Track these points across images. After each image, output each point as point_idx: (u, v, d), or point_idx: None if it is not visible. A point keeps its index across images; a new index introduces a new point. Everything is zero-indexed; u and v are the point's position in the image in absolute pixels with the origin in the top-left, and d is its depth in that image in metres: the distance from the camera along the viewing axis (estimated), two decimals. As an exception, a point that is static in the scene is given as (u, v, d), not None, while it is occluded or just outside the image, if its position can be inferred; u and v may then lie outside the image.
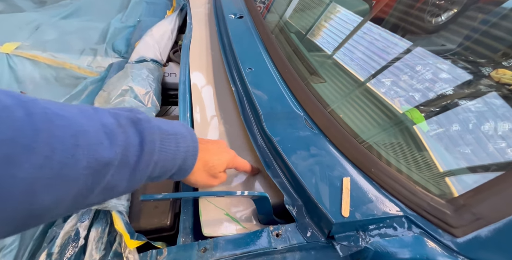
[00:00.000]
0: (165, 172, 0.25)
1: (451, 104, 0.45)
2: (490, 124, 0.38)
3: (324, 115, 0.37)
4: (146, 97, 0.47)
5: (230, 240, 0.28)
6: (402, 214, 0.23)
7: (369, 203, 0.25)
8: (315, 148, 0.33)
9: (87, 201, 0.19)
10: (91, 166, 0.17)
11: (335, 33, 0.74)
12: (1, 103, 0.14)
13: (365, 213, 0.24)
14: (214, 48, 0.73)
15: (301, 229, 0.28)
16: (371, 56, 0.61)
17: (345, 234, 0.25)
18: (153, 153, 0.22)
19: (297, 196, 0.30)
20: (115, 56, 0.73)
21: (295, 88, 0.45)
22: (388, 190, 0.25)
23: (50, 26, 0.82)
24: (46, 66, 0.65)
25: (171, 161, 0.25)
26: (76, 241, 0.26)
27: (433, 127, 0.39)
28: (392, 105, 0.43)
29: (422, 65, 0.55)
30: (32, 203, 0.15)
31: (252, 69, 0.51)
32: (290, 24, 0.81)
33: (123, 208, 0.29)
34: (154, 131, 0.23)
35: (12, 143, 0.14)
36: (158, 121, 0.25)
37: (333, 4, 0.83)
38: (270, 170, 0.34)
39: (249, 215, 0.34)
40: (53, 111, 0.17)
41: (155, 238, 0.31)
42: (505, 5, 0.56)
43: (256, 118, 0.41)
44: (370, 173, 0.27)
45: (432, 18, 0.82)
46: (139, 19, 1.00)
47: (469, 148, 0.31)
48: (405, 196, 0.24)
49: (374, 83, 0.52)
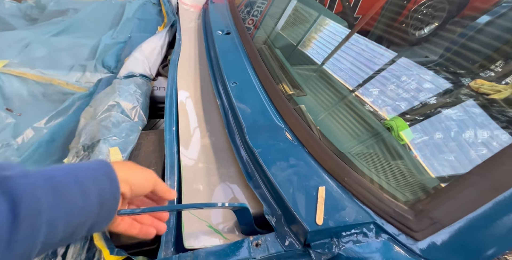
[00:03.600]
0: (77, 228, 0.21)
1: (432, 113, 0.48)
2: (469, 132, 0.40)
3: (302, 127, 0.39)
4: (133, 111, 0.49)
5: (210, 252, 0.28)
6: (371, 221, 0.24)
7: (342, 210, 0.26)
8: (294, 158, 0.35)
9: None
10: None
11: (316, 49, 0.79)
12: None
13: (338, 221, 0.25)
14: (202, 63, 0.75)
15: (280, 238, 0.29)
16: (352, 70, 0.65)
17: (320, 242, 0.26)
18: (38, 214, 0.18)
19: (276, 206, 0.31)
20: (105, 72, 0.74)
21: (277, 102, 0.48)
22: (359, 198, 0.27)
23: (40, 44, 0.84)
24: (34, 83, 0.66)
25: (78, 213, 0.20)
26: (53, 259, 0.25)
27: (417, 136, 0.42)
28: (368, 116, 0.46)
29: (406, 75, 0.58)
30: None
31: (237, 83, 0.53)
32: (275, 40, 0.85)
33: (105, 223, 0.29)
34: (36, 186, 0.19)
35: None
36: (51, 171, 0.21)
37: (316, 23, 0.89)
38: (251, 181, 0.36)
39: (231, 226, 0.35)
40: None
41: (136, 253, 0.31)
42: (479, 20, 0.62)
43: (240, 131, 0.42)
44: (343, 182, 0.29)
45: (415, 31, 0.88)
46: (130, 35, 1.03)
47: (441, 155, 0.33)
48: (374, 203, 0.25)
49: (350, 96, 0.55)
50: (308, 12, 0.92)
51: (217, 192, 0.39)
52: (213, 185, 0.40)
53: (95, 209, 0.21)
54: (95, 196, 0.21)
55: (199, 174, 0.41)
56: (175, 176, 0.40)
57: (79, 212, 0.20)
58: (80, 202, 0.20)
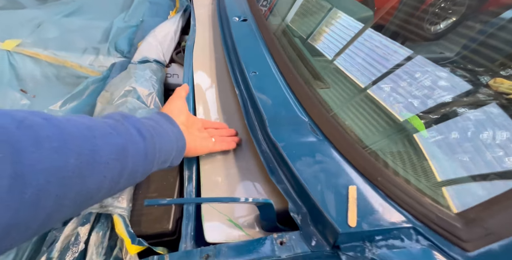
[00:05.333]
0: (168, 156, 0.29)
1: (451, 113, 0.45)
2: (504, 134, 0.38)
3: (329, 122, 0.37)
4: (149, 98, 0.47)
5: (233, 247, 0.27)
6: (410, 225, 0.23)
7: (376, 213, 0.25)
8: (320, 154, 0.33)
9: (117, 186, 0.22)
10: (113, 151, 0.21)
11: (336, 39, 0.74)
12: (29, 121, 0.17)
13: (372, 223, 0.24)
14: (217, 50, 0.72)
15: (306, 238, 0.27)
16: (372, 63, 0.61)
17: (351, 244, 0.25)
18: (152, 138, 0.26)
19: (301, 204, 0.30)
20: (118, 56, 0.72)
21: (300, 94, 0.45)
22: (395, 199, 0.25)
23: (52, 24, 0.81)
24: (47, 64, 0.65)
25: (168, 143, 0.28)
26: (76, 246, 0.25)
27: (432, 135, 0.39)
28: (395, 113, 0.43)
29: (422, 72, 0.55)
30: (83, 185, 0.18)
31: (256, 73, 0.51)
32: (293, 28, 0.81)
33: (125, 212, 0.28)
34: (142, 121, 0.27)
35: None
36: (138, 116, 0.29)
37: (335, 10, 0.84)
38: (274, 176, 0.34)
39: (251, 221, 0.34)
40: (60, 117, 0.19)
41: (156, 243, 0.30)
42: (503, 15, 0.57)
43: (261, 123, 0.41)
44: (376, 181, 0.27)
45: (431, 26, 0.82)
46: (142, 19, 1.00)
47: (482, 158, 0.31)
48: (413, 206, 0.24)
49: (377, 90, 0.52)
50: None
51: (236, 185, 0.37)
52: (232, 178, 0.38)
53: (174, 143, 0.30)
54: (170, 130, 0.30)
55: (218, 166, 0.40)
56: (194, 167, 0.39)
57: (170, 143, 0.29)
58: (166, 134, 0.28)
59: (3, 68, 0.59)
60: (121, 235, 0.26)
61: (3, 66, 0.60)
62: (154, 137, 0.26)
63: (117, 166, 0.21)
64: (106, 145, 0.20)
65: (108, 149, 0.20)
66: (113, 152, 0.21)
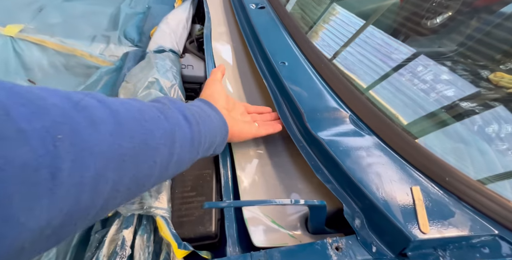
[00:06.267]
0: (212, 142, 0.28)
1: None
2: None
3: (376, 116, 0.34)
4: (171, 90, 0.43)
5: (285, 252, 0.25)
6: (497, 233, 0.21)
7: (450, 217, 0.23)
8: (371, 152, 0.31)
9: (166, 173, 0.22)
10: (162, 136, 0.20)
11: (340, 33, 0.71)
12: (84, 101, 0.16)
13: (447, 230, 0.22)
14: (235, 39, 0.68)
15: (364, 243, 0.25)
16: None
17: (421, 252, 0.22)
18: (198, 124, 0.25)
19: (356, 206, 0.28)
20: (129, 45, 0.68)
21: (336, 85, 0.42)
22: (471, 203, 0.23)
23: (54, 9, 0.76)
24: (54, 52, 0.60)
25: (212, 129, 0.27)
26: (123, 250, 0.23)
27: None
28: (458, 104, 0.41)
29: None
30: (136, 170, 0.18)
31: (285, 63, 0.47)
32: (314, 15, 0.77)
33: (167, 213, 0.26)
34: (188, 106, 0.26)
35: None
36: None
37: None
38: (320, 174, 0.32)
39: (295, 223, 0.31)
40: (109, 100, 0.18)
41: (199, 247, 0.28)
42: (503, 10, 0.55)
43: (298, 118, 0.38)
44: (444, 182, 0.25)
45: (427, 20, 0.80)
46: (148, 5, 0.94)
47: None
48: (496, 211, 0.21)
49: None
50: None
51: (274, 184, 0.35)
52: (269, 176, 0.36)
53: (218, 129, 0.29)
54: (213, 116, 0.29)
55: (252, 163, 0.37)
56: (228, 164, 0.36)
57: (214, 129, 0.28)
58: (209, 120, 0.27)
59: (8, 56, 0.55)
60: (167, 238, 0.24)
61: (8, 53, 0.55)
62: (199, 123, 0.25)
63: (165, 151, 0.20)
64: (156, 129, 0.20)
65: (157, 134, 0.20)
66: (162, 137, 0.20)
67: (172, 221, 0.27)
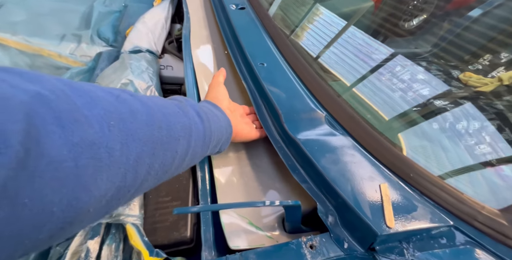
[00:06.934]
0: (219, 140, 0.29)
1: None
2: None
3: (349, 116, 0.35)
4: (147, 92, 0.42)
5: (260, 253, 0.25)
6: (452, 224, 0.22)
7: (413, 211, 0.24)
8: (344, 151, 0.32)
9: (183, 165, 0.23)
10: (181, 129, 0.22)
11: (320, 34, 0.73)
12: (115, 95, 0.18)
13: (410, 223, 0.23)
14: (215, 40, 0.68)
15: (337, 240, 0.26)
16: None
17: (388, 246, 0.24)
18: (208, 121, 0.27)
19: (329, 204, 0.28)
20: (103, 45, 0.65)
21: (313, 86, 0.43)
22: (431, 197, 0.24)
23: (16, 5, 0.71)
24: (17, 52, 0.56)
25: (219, 127, 0.29)
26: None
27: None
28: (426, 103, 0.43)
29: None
30: (163, 157, 0.20)
31: (264, 64, 0.48)
32: (293, 16, 0.78)
33: (138, 220, 0.25)
34: (199, 105, 0.28)
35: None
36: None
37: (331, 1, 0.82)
38: (296, 174, 0.32)
39: (272, 223, 0.32)
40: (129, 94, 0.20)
41: (172, 252, 0.28)
42: (471, 13, 0.60)
43: (276, 118, 0.38)
44: (409, 178, 0.26)
45: (404, 22, 0.85)
46: (124, 4, 0.91)
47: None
48: (452, 203, 0.23)
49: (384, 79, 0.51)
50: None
51: (253, 185, 0.35)
52: (247, 177, 0.36)
53: (224, 128, 0.30)
54: (220, 115, 0.31)
55: (231, 165, 0.37)
56: (206, 167, 0.36)
57: (221, 127, 0.29)
58: (217, 119, 0.29)
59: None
60: (137, 246, 0.23)
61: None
62: (210, 121, 0.27)
63: (184, 143, 0.22)
64: (177, 122, 0.22)
65: (178, 126, 0.22)
66: (182, 130, 0.22)
67: (145, 228, 0.26)
